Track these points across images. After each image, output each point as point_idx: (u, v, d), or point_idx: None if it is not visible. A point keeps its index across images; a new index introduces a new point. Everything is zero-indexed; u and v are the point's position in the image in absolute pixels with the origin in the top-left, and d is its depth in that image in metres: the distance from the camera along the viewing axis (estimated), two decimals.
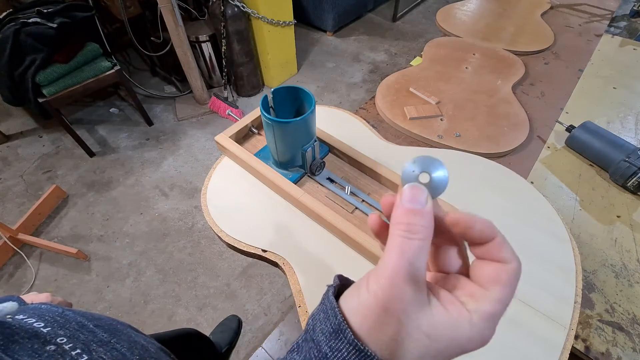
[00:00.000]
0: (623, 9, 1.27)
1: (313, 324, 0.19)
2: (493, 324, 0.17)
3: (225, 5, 1.74)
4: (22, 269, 1.42)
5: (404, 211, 0.18)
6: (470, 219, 0.18)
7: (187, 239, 1.51)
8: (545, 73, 0.98)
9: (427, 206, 0.18)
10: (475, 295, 0.18)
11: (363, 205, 0.59)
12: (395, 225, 0.18)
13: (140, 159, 1.85)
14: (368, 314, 0.17)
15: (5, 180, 1.75)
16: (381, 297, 0.16)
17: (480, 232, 0.18)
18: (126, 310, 1.30)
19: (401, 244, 0.17)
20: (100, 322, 0.28)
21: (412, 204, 0.18)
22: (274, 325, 1.24)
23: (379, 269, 0.17)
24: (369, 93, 2.23)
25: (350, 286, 0.21)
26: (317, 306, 0.20)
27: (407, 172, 0.20)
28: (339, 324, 0.17)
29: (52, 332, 0.24)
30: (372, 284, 0.17)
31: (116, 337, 0.28)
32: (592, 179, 0.71)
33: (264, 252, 0.54)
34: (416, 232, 0.17)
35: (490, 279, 0.18)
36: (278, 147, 0.59)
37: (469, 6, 1.29)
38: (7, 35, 1.40)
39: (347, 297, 0.19)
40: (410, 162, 0.20)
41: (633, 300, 0.53)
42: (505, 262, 0.18)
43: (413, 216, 0.18)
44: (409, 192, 0.19)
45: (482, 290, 0.18)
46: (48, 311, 0.27)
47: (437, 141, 0.76)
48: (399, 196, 0.19)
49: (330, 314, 0.18)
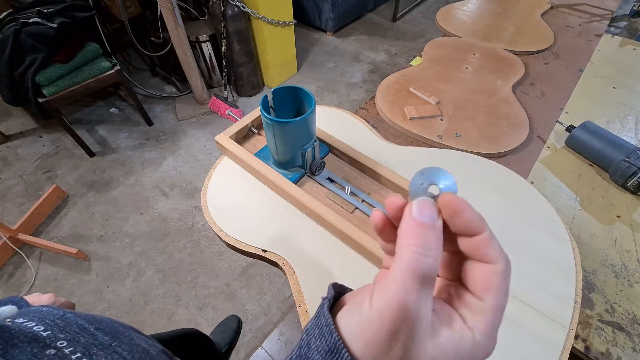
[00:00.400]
0: (623, 9, 1.27)
1: (307, 340, 0.18)
2: (494, 334, 0.17)
3: (225, 5, 1.74)
4: (22, 269, 1.42)
5: (416, 224, 0.17)
6: (460, 204, 0.17)
7: (187, 239, 1.51)
8: (545, 73, 0.98)
9: (439, 222, 0.17)
10: (472, 308, 0.17)
11: (363, 205, 0.59)
12: (407, 239, 0.17)
13: (140, 159, 1.85)
14: (371, 337, 0.16)
15: (5, 180, 1.75)
16: (388, 319, 0.15)
17: (468, 221, 0.17)
18: (126, 311, 1.30)
19: (414, 260, 0.16)
20: (101, 324, 0.28)
21: (425, 218, 0.17)
22: (274, 325, 1.24)
23: (386, 284, 0.16)
24: (369, 93, 2.23)
25: (346, 295, 0.20)
26: (311, 319, 0.19)
27: (415, 184, 0.19)
28: (334, 343, 0.16)
29: (52, 335, 0.24)
30: (377, 301, 0.16)
31: (117, 340, 0.28)
32: (592, 179, 0.71)
33: (264, 252, 0.54)
34: (431, 248, 0.16)
35: (482, 287, 0.17)
36: (278, 147, 0.59)
37: (469, 6, 1.29)
38: (7, 35, 1.40)
39: (346, 314, 0.18)
40: (418, 174, 0.19)
41: (633, 300, 0.53)
42: (493, 262, 0.17)
43: (427, 231, 0.17)
44: (422, 205, 0.18)
45: (478, 301, 0.17)
46: (49, 314, 0.27)
47: (437, 141, 0.76)
48: (409, 208, 0.18)
49: (325, 330, 0.17)
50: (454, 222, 0.18)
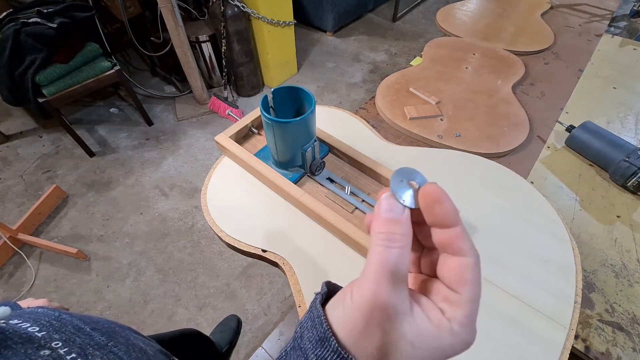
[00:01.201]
0: (623, 9, 1.27)
1: (301, 332, 0.19)
2: (472, 325, 0.18)
3: (225, 5, 1.74)
4: (22, 268, 1.42)
5: (382, 221, 0.18)
6: (442, 194, 0.18)
7: (187, 239, 1.51)
8: (545, 73, 0.98)
9: (404, 215, 0.19)
10: (450, 300, 0.18)
11: (363, 205, 0.59)
12: (374, 235, 0.18)
13: (140, 159, 1.85)
14: (353, 326, 0.17)
15: (5, 180, 1.75)
16: (364, 308, 0.17)
17: (446, 212, 0.18)
18: (126, 310, 1.30)
19: (381, 253, 0.17)
20: (97, 325, 0.28)
21: (389, 214, 0.18)
22: (274, 325, 1.24)
23: (361, 279, 0.18)
24: (369, 93, 2.23)
25: (338, 292, 0.21)
26: (305, 314, 0.21)
27: (395, 182, 0.20)
28: (324, 332, 0.18)
29: (47, 336, 0.24)
30: (355, 294, 0.18)
31: (114, 340, 0.27)
32: (592, 179, 0.71)
33: (264, 252, 0.54)
34: (395, 240, 0.18)
35: (457, 280, 0.18)
36: (278, 147, 0.59)
37: (469, 6, 1.29)
38: (7, 35, 1.40)
39: (333, 306, 0.19)
40: (396, 173, 0.20)
41: (633, 300, 0.53)
42: (466, 255, 0.18)
43: (391, 225, 0.18)
44: (385, 202, 0.19)
45: (454, 294, 0.18)
46: (44, 315, 0.26)
47: (437, 141, 0.76)
48: (377, 207, 0.19)
49: (316, 322, 0.19)
50: (434, 210, 0.18)
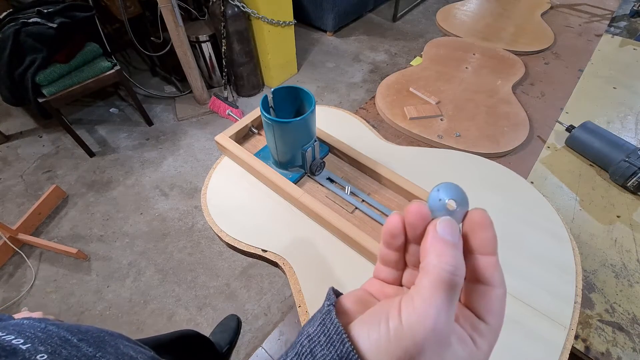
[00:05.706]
0: (623, 9, 1.27)
1: (311, 348, 0.17)
2: (490, 353, 0.18)
3: (225, 5, 1.74)
4: (22, 269, 1.42)
5: (446, 243, 0.17)
6: (489, 220, 0.17)
7: (187, 239, 1.51)
8: (545, 73, 0.98)
9: (460, 242, 0.18)
10: (478, 329, 0.18)
11: (363, 205, 0.59)
12: (437, 257, 0.16)
13: (140, 159, 1.85)
14: (402, 355, 0.15)
15: (5, 180, 1.75)
16: (421, 337, 0.15)
17: (488, 240, 0.17)
18: (126, 310, 1.30)
19: (447, 279, 0.16)
20: (86, 335, 0.28)
21: (455, 238, 0.17)
22: (274, 325, 1.24)
23: (418, 303, 0.16)
24: (369, 93, 2.23)
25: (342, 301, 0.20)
26: (311, 326, 0.18)
27: (434, 200, 0.19)
28: (347, 353, 0.16)
29: (31, 348, 0.24)
30: (410, 319, 0.16)
31: (102, 350, 0.27)
32: (592, 179, 0.71)
33: (264, 252, 0.54)
34: (461, 268, 0.16)
35: (487, 310, 0.18)
36: (278, 147, 0.59)
37: (469, 6, 1.29)
38: (7, 35, 1.40)
39: (363, 325, 0.17)
40: (435, 190, 0.19)
41: (633, 300, 0.53)
42: (496, 285, 0.17)
43: (456, 250, 0.17)
44: (449, 224, 0.18)
45: (482, 324, 0.18)
46: (30, 327, 0.26)
47: (437, 141, 0.76)
48: (434, 226, 0.18)
49: (335, 339, 0.16)
50: (477, 236, 0.18)
